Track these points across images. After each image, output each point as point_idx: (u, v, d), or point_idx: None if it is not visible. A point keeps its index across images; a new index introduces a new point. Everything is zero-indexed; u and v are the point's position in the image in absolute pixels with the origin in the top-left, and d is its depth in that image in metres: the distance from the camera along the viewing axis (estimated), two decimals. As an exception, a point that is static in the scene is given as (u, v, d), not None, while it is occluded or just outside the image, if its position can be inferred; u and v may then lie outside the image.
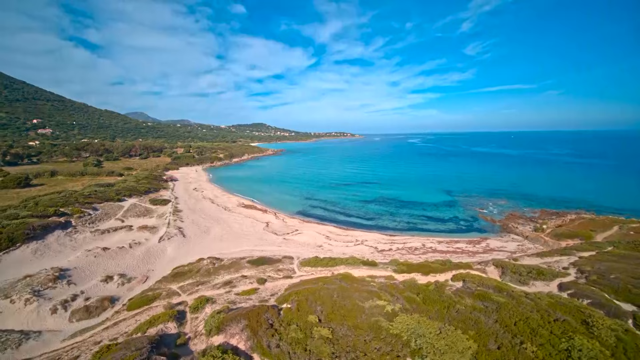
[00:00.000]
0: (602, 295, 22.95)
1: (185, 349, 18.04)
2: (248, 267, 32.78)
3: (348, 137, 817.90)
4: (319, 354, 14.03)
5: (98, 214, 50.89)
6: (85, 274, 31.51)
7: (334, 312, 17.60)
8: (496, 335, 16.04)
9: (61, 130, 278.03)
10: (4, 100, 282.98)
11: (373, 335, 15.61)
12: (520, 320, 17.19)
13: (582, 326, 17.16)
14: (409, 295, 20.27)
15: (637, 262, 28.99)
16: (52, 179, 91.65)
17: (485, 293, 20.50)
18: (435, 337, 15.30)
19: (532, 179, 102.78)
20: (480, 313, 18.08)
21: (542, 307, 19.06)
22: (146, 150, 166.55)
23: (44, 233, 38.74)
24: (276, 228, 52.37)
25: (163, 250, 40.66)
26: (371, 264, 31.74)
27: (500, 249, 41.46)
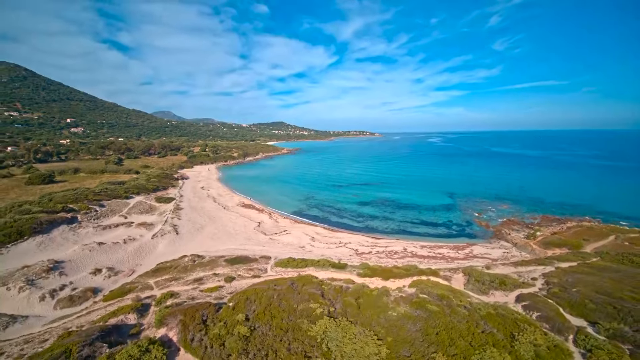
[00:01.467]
0: (556, 308, 22.55)
1: (135, 338, 19.88)
2: (223, 266, 34.58)
3: (367, 135, 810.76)
4: (230, 349, 15.27)
5: (104, 211, 54.88)
6: (77, 266, 34.59)
7: (265, 312, 18.76)
8: (412, 343, 16.56)
9: (92, 128, 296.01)
10: (42, 100, 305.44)
11: (291, 336, 16.63)
12: (444, 330, 17.55)
13: (506, 340, 17.27)
14: (348, 300, 21.02)
15: (612, 276, 27.89)
16: (74, 176, 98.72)
17: (422, 301, 20.85)
18: (348, 341, 16.09)
19: (546, 182, 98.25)
20: (409, 320, 18.56)
21: (474, 318, 19.22)
22: (164, 149, 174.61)
23: (50, 227, 42.63)
24: (267, 228, 54.11)
25: (155, 247, 43.46)
26: (339, 267, 32.53)
27: (483, 256, 40.75)
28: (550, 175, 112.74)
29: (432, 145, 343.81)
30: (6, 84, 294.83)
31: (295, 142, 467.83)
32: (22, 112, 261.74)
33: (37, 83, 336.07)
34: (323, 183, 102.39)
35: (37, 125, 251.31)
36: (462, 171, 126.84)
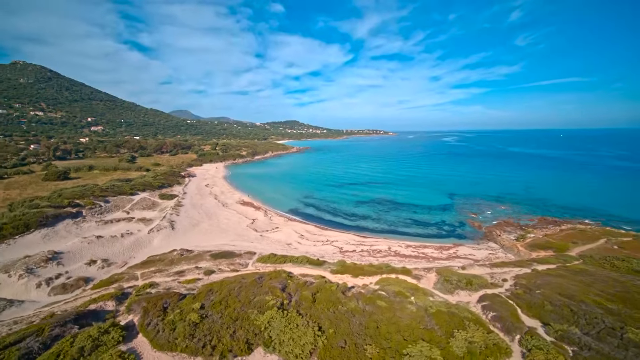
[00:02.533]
0: (513, 309, 22.82)
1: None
2: (207, 260, 36.32)
3: (381, 134, 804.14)
4: (178, 334, 16.70)
5: (108, 206, 58.06)
6: (75, 257, 37.23)
7: (221, 302, 20.14)
8: (351, 335, 17.49)
9: (110, 127, 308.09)
10: (65, 100, 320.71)
11: (238, 324, 17.91)
12: (385, 324, 18.38)
13: (444, 336, 17.92)
14: (305, 294, 22.08)
15: (584, 279, 27.67)
16: (88, 173, 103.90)
17: (374, 297, 21.67)
18: (289, 330, 17.20)
19: (554, 183, 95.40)
20: (355, 315, 19.47)
21: (421, 315, 19.91)
22: (176, 147, 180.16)
23: (55, 221, 45.82)
24: (259, 225, 55.76)
25: (150, 241, 45.88)
26: (316, 264, 33.60)
27: (466, 257, 40.77)
28: (560, 177, 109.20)
29: (444, 145, 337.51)
30: (32, 85, 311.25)
31: (307, 141, 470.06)
32: (46, 112, 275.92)
33: (61, 84, 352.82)
34: (325, 182, 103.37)
35: (60, 124, 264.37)
36: (469, 171, 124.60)
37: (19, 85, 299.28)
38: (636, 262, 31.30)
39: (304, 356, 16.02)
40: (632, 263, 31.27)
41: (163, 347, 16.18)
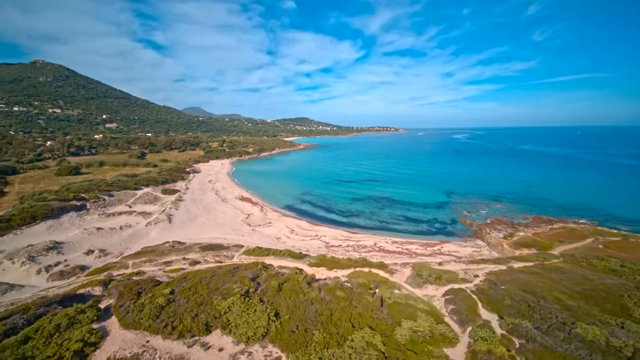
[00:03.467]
0: (474, 303, 23.52)
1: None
2: (196, 252, 38.17)
3: (391, 131, 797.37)
4: (144, 315, 18.30)
5: (112, 200, 60.96)
6: (74, 247, 39.76)
7: (190, 288, 21.69)
8: (303, 321, 18.71)
9: (124, 124, 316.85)
10: (82, 98, 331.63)
11: (201, 308, 19.39)
12: (338, 312, 19.51)
13: (392, 325, 18.92)
14: (272, 284, 23.38)
15: (555, 277, 27.97)
16: (99, 169, 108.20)
17: (334, 287, 22.79)
18: (246, 315, 18.56)
19: (558, 182, 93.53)
20: (314, 303, 20.66)
21: (376, 305, 20.93)
22: (185, 144, 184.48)
23: (60, 213, 48.72)
24: (253, 220, 57.47)
25: (147, 233, 48.22)
26: (297, 257, 34.91)
27: (449, 253, 41.27)
28: (565, 175, 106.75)
29: (453, 142, 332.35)
30: (51, 83, 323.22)
31: (316, 138, 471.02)
32: (64, 109, 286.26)
33: (78, 82, 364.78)
34: (326, 179, 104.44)
35: (77, 121, 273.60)
36: (473, 170, 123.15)
37: (38, 84, 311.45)
38: (614, 262, 31.24)
39: (256, 338, 17.36)
40: (610, 262, 31.23)
41: (129, 326, 17.82)
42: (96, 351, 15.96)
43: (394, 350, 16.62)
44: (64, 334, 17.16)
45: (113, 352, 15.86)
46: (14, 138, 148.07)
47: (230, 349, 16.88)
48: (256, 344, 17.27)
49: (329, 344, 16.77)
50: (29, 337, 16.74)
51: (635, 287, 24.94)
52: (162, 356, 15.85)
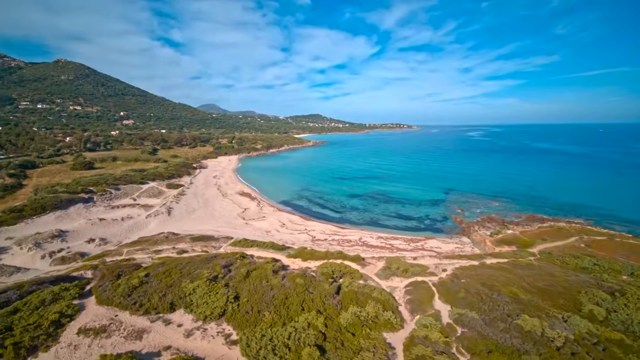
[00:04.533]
0: (430, 295, 24.67)
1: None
2: (186, 242, 40.60)
3: (404, 128, 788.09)
4: (117, 293, 20.51)
5: (118, 193, 64.62)
6: (78, 236, 43.03)
7: (164, 272, 23.82)
8: (259, 304, 20.46)
9: (141, 121, 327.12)
10: (101, 96, 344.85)
11: (170, 290, 21.46)
12: (292, 297, 21.14)
13: (340, 310, 20.40)
14: (241, 271, 25.20)
15: (521, 273, 28.59)
16: (111, 164, 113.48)
17: (295, 275, 24.37)
18: (207, 297, 20.47)
19: (563, 182, 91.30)
20: (273, 289, 22.34)
21: (331, 292, 22.41)
22: (195, 140, 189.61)
23: (68, 205, 52.41)
24: (249, 214, 59.72)
25: (147, 225, 51.23)
26: (279, 248, 36.73)
27: (431, 249, 42.03)
28: (573, 174, 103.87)
29: (466, 140, 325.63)
30: (72, 81, 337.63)
31: (327, 135, 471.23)
32: (84, 106, 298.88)
33: (98, 80, 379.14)
34: (328, 175, 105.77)
35: (96, 117, 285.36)
36: (478, 168, 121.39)
37: (60, 82, 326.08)
38: (588, 260, 31.41)
39: (213, 317, 19.25)
40: (584, 261, 31.41)
41: (103, 302, 20.09)
42: (71, 322, 18.26)
43: (334, 331, 18.12)
44: (48, 307, 19.58)
45: (85, 323, 18.11)
46: (36, 134, 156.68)
47: (189, 325, 18.84)
48: (213, 322, 19.17)
49: (275, 323, 18.46)
50: (18, 309, 19.26)
51: (597, 284, 25.34)
52: (126, 328, 17.99)
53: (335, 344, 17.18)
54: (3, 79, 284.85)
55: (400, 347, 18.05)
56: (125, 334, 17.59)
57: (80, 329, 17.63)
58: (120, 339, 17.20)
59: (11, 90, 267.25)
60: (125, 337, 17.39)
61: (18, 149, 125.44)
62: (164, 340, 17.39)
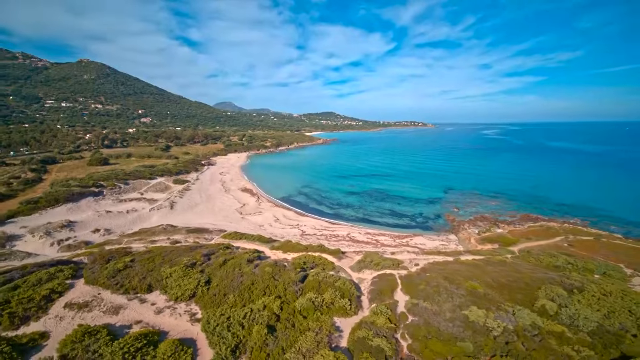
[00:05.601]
0: (393, 286, 26.02)
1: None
2: (182, 234, 43.34)
3: (418, 126, 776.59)
4: (103, 275, 23.06)
5: (127, 188, 68.67)
6: (85, 226, 46.66)
7: (148, 259, 26.26)
8: (227, 288, 22.50)
9: (158, 118, 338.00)
10: (120, 94, 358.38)
11: (149, 273, 23.82)
12: (257, 283, 23.06)
13: (299, 296, 22.13)
14: (218, 260, 27.33)
15: (489, 269, 29.40)
16: (126, 160, 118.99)
17: (265, 264, 26.24)
18: (180, 280, 22.70)
19: (570, 181, 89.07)
20: (243, 275, 24.32)
21: (294, 280, 24.17)
22: (207, 137, 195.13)
23: (79, 198, 56.48)
24: (247, 209, 62.22)
25: (149, 217, 54.56)
26: (265, 241, 38.80)
27: (415, 245, 42.99)
28: (583, 174, 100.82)
29: (480, 138, 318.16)
30: (94, 81, 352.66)
31: (339, 133, 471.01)
32: (104, 105, 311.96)
33: (118, 79, 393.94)
34: (330, 173, 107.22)
35: (115, 115, 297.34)
36: (485, 166, 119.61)
37: (83, 81, 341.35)
38: (563, 259, 31.73)
39: (184, 298, 21.45)
40: (559, 259, 31.76)
41: (89, 282, 22.66)
42: (60, 297, 20.88)
43: (288, 314, 19.92)
44: (43, 285, 22.33)
45: (71, 299, 20.69)
46: (59, 131, 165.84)
47: (161, 304, 21.11)
48: (183, 302, 21.37)
49: (236, 305, 20.45)
50: (18, 286, 22.08)
51: (560, 281, 25.93)
52: (106, 305, 20.44)
53: (286, 325, 18.99)
54: (31, 79, 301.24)
55: (348, 330, 19.63)
56: (104, 309, 20.04)
57: (67, 303, 20.22)
58: (100, 313, 19.66)
59: (38, 90, 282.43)
60: (104, 312, 19.84)
61: (42, 145, 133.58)
62: (137, 315, 19.72)
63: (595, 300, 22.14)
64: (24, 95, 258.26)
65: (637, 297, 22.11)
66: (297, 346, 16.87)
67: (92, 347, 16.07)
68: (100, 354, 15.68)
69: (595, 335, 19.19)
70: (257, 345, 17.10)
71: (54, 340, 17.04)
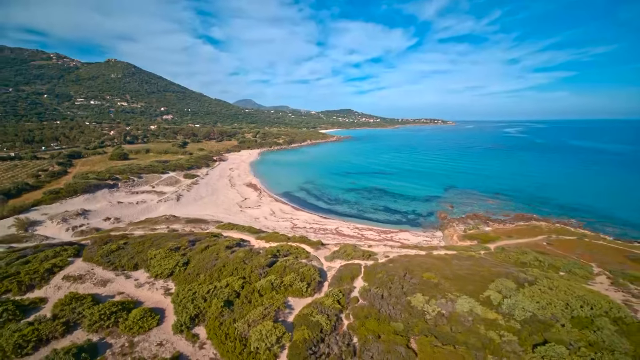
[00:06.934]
0: (356, 274, 28.13)
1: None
2: (181, 223, 47.25)
3: (438, 124, 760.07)
4: (98, 254, 26.75)
5: (140, 181, 74.09)
6: (98, 215, 51.67)
7: (139, 242, 29.82)
8: (201, 269, 25.54)
9: (179, 116, 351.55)
10: (144, 92, 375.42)
11: (137, 255, 27.31)
12: (228, 266, 25.95)
13: (262, 280, 24.80)
14: (202, 245, 30.53)
15: (456, 262, 30.80)
16: (144, 155, 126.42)
17: (240, 250, 29.10)
18: (162, 260, 25.98)
19: (577, 181, 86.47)
20: (218, 259, 27.30)
21: (262, 264, 26.84)
22: (222, 134, 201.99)
23: (95, 189, 62.02)
24: (247, 203, 65.72)
25: (156, 208, 59.17)
26: (253, 232, 41.80)
27: (399, 240, 44.60)
28: (595, 174, 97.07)
29: (499, 137, 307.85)
30: (120, 80, 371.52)
31: (355, 130, 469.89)
32: (130, 102, 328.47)
33: (142, 78, 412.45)
34: (336, 170, 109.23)
35: (139, 113, 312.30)
36: (493, 165, 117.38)
37: (110, 80, 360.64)
38: (532, 256, 32.50)
39: (162, 276, 24.68)
40: (528, 256, 32.57)
41: (86, 260, 26.41)
42: (60, 271, 24.68)
43: (247, 292, 22.64)
44: (49, 260, 26.30)
45: (69, 272, 24.43)
46: (86, 128, 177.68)
47: (143, 280, 24.45)
48: (161, 279, 24.61)
49: (204, 282, 23.42)
50: (29, 261, 26.16)
51: (516, 276, 27.06)
52: (96, 278, 24.01)
53: (243, 301, 21.73)
54: (63, 78, 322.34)
55: (299, 309, 22.07)
56: (94, 282, 23.61)
57: (65, 276, 23.96)
58: (90, 285, 23.22)
59: (69, 88, 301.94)
60: (94, 284, 23.40)
61: (70, 141, 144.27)
62: (120, 288, 23.13)
63: (538, 293, 23.29)
64: (57, 94, 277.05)
65: (580, 291, 23.06)
66: (246, 318, 19.54)
67: (78, 309, 19.49)
68: (83, 315, 19.06)
69: (526, 323, 20.55)
70: (213, 315, 19.93)
71: (50, 304, 20.64)
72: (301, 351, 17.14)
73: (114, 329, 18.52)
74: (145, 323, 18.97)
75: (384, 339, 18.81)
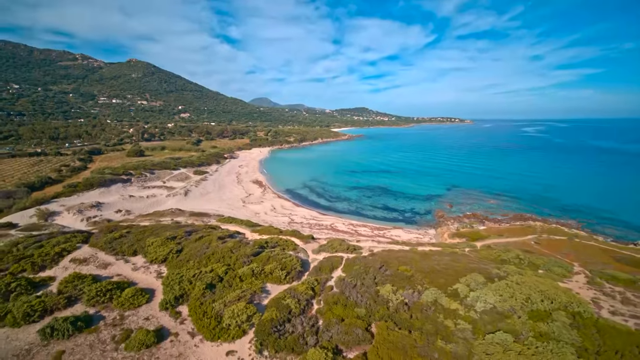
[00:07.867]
0: (337, 265, 29.88)
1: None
2: (185, 216, 50.31)
3: (455, 122, 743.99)
4: (102, 241, 29.74)
5: (152, 177, 78.33)
6: (110, 207, 55.63)
7: (140, 232, 32.68)
8: (193, 256, 28.03)
9: (196, 114, 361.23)
10: (163, 91, 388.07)
11: (137, 242, 30.12)
12: (216, 253, 28.31)
13: (242, 265, 26.98)
14: (197, 236, 33.10)
15: (436, 257, 31.96)
16: (159, 152, 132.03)
17: (231, 240, 31.39)
18: (158, 248, 28.65)
19: (587, 182, 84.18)
20: (209, 247, 29.72)
21: (248, 254, 29.03)
22: (235, 133, 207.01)
23: (110, 183, 66.40)
24: (251, 199, 68.42)
25: (165, 202, 62.79)
26: (249, 225, 44.15)
27: (390, 237, 45.81)
28: (606, 175, 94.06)
29: (516, 136, 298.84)
30: (140, 79, 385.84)
31: (368, 129, 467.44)
32: (149, 101, 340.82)
33: (161, 77, 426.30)
34: (342, 168, 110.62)
35: (158, 111, 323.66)
36: (502, 165, 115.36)
37: (131, 79, 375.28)
38: (513, 254, 33.11)
39: (157, 261, 27.33)
40: (509, 254, 33.21)
41: (92, 246, 29.48)
42: (68, 255, 27.80)
43: (229, 277, 24.87)
44: (60, 245, 29.53)
45: (75, 256, 27.50)
46: (107, 126, 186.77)
47: (139, 264, 27.18)
48: (156, 264, 27.26)
49: (192, 268, 25.85)
50: (43, 245, 29.47)
51: (488, 271, 27.99)
52: (99, 261, 26.93)
53: (225, 285, 23.97)
54: (88, 78, 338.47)
55: (275, 293, 24.11)
56: (97, 265, 26.52)
57: (72, 259, 27.02)
58: (93, 267, 26.14)
59: (93, 88, 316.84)
60: (96, 266, 26.31)
61: (92, 138, 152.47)
62: (119, 270, 25.92)
63: (504, 288, 24.26)
64: (81, 93, 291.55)
65: (544, 287, 23.86)
66: (224, 299, 21.75)
67: (79, 286, 22.30)
68: (83, 291, 21.83)
69: (485, 314, 21.68)
70: (196, 296, 22.27)
71: (57, 282, 23.61)
72: (267, 329, 19.14)
73: (109, 304, 21.17)
74: (136, 300, 21.52)
75: (347, 322, 20.51)
